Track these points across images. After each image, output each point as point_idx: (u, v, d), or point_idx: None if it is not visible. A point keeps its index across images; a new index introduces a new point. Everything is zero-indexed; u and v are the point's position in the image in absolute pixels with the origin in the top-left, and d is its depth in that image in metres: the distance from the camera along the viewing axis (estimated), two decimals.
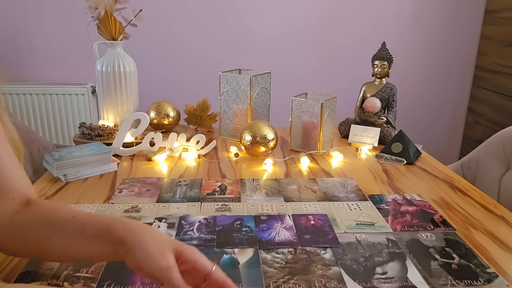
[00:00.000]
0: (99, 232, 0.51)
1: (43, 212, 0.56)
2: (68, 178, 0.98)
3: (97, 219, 0.54)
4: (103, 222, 0.52)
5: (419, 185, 1.00)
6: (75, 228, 0.53)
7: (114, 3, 1.24)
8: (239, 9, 2.21)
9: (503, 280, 0.63)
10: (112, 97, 1.28)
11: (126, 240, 0.49)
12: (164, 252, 0.47)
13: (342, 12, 2.26)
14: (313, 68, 2.34)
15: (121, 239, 0.49)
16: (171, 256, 0.47)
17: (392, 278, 0.63)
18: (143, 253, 0.47)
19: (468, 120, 2.50)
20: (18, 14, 2.10)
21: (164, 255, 0.47)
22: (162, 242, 0.49)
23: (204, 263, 0.49)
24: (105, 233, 0.51)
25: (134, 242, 0.49)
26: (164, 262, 0.46)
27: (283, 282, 0.61)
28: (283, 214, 0.83)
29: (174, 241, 0.50)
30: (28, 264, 0.64)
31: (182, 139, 1.15)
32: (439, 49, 2.38)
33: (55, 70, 2.20)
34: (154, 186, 0.96)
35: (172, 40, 2.21)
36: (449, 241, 0.74)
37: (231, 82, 1.27)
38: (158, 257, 0.47)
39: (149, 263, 0.47)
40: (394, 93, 1.35)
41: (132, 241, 0.49)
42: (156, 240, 0.49)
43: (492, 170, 1.24)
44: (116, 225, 0.51)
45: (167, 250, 0.48)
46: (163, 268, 0.46)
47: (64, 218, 0.54)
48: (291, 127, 1.22)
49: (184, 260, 0.49)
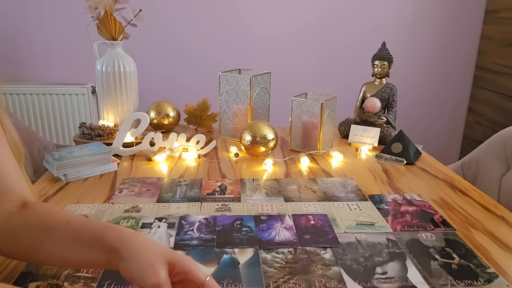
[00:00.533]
0: (92, 240, 0.51)
1: (39, 215, 0.56)
2: (68, 178, 0.98)
3: (91, 226, 0.53)
4: (97, 229, 0.52)
5: (419, 185, 1.00)
6: (69, 234, 0.53)
7: (114, 3, 1.24)
8: (239, 9, 2.21)
9: (503, 280, 0.63)
10: (112, 97, 1.28)
11: (120, 250, 0.49)
12: (155, 267, 0.47)
13: (342, 12, 2.26)
14: (313, 68, 2.34)
15: (114, 249, 0.49)
16: (162, 270, 0.47)
17: (392, 278, 0.63)
18: (135, 266, 0.47)
19: (468, 120, 2.50)
20: (18, 14, 2.10)
21: (155, 270, 0.46)
22: (155, 253, 0.48)
23: (197, 274, 0.49)
24: (98, 241, 0.50)
25: (126, 252, 0.48)
26: (155, 279, 0.46)
27: (283, 282, 0.61)
28: (283, 214, 0.83)
29: (167, 251, 0.50)
30: (28, 265, 0.64)
31: (182, 139, 1.15)
32: (439, 49, 2.38)
33: (55, 70, 2.20)
34: (154, 186, 0.96)
35: (172, 40, 2.21)
36: (449, 241, 0.74)
37: (231, 82, 1.27)
38: (148, 273, 0.46)
39: (141, 277, 0.46)
40: (394, 93, 1.35)
41: (125, 251, 0.48)
42: (148, 252, 0.48)
43: (492, 170, 1.24)
44: (109, 233, 0.50)
45: (158, 264, 0.47)
46: (153, 285, 0.45)
47: (59, 223, 0.54)
48: (291, 127, 1.22)
49: (177, 271, 0.48)
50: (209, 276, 0.49)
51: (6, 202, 0.57)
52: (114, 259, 0.49)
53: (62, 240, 0.53)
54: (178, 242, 0.72)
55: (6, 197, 0.57)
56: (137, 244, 0.49)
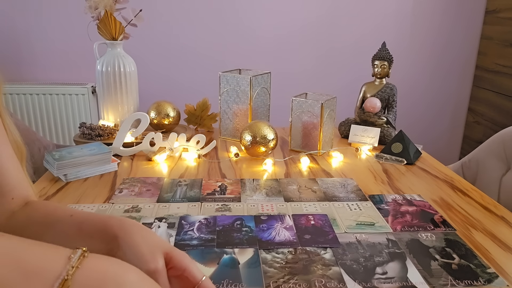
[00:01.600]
0: (95, 229, 0.51)
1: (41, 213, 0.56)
2: (68, 178, 0.98)
3: (94, 217, 0.54)
4: (100, 219, 0.52)
5: (419, 185, 1.00)
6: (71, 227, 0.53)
7: (114, 3, 1.24)
8: (239, 9, 2.21)
9: (503, 280, 0.63)
10: (112, 97, 1.28)
11: (119, 237, 0.49)
12: (154, 254, 0.47)
13: (342, 12, 2.26)
14: (313, 68, 2.34)
15: (114, 236, 0.49)
16: (160, 259, 0.47)
17: (392, 278, 0.63)
18: (133, 252, 0.47)
19: (468, 120, 2.50)
20: (18, 14, 2.10)
21: (154, 257, 0.46)
22: (154, 243, 0.48)
23: (194, 272, 0.48)
24: (101, 230, 0.51)
25: (125, 240, 0.48)
26: (153, 265, 0.46)
27: (283, 282, 0.61)
28: (283, 214, 0.83)
29: (166, 244, 0.50)
30: None
31: (182, 139, 1.15)
32: (439, 49, 2.38)
33: (55, 70, 2.20)
34: (154, 186, 0.96)
35: (172, 40, 2.21)
36: (449, 241, 0.74)
37: (231, 82, 1.27)
38: (147, 258, 0.46)
39: (138, 263, 0.46)
40: (394, 93, 1.35)
41: (124, 238, 0.49)
42: (148, 241, 0.48)
43: (492, 170, 1.24)
44: (112, 222, 0.51)
45: (157, 253, 0.47)
46: (151, 271, 0.45)
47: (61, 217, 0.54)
48: (291, 127, 1.22)
49: (174, 265, 0.48)
50: (205, 276, 0.49)
51: (9, 201, 0.57)
52: (114, 247, 0.49)
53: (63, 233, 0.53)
54: (178, 242, 0.72)
55: (9, 196, 0.57)
56: (136, 233, 0.49)
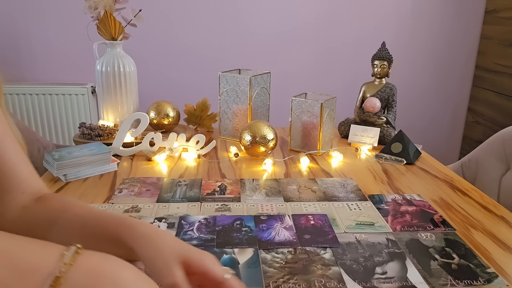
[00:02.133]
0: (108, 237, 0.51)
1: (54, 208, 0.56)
2: (68, 178, 0.98)
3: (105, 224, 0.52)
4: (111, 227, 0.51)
5: (419, 185, 1.00)
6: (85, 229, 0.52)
7: (113, 3, 1.24)
8: (239, 9, 2.21)
9: (503, 280, 0.63)
10: (112, 97, 1.28)
11: (134, 249, 0.48)
12: (169, 266, 0.45)
13: (342, 11, 2.26)
14: (313, 68, 2.34)
15: (129, 248, 0.48)
16: (177, 270, 0.45)
17: (392, 278, 0.63)
18: (148, 266, 0.46)
19: (468, 120, 2.50)
20: (18, 14, 2.10)
21: (170, 269, 0.45)
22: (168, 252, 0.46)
23: (214, 274, 0.47)
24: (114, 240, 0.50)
25: (139, 253, 0.47)
26: (169, 279, 0.44)
27: (283, 282, 0.61)
28: (283, 214, 0.83)
29: (182, 247, 0.48)
30: None
31: (182, 139, 1.15)
32: (439, 49, 2.38)
33: (55, 70, 2.20)
34: (154, 186, 0.96)
35: (172, 40, 2.21)
36: (449, 241, 0.74)
37: (230, 82, 1.27)
38: (164, 273, 0.45)
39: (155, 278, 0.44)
40: (394, 93, 1.35)
41: (138, 251, 0.48)
42: (162, 250, 0.47)
43: (492, 170, 1.24)
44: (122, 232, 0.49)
45: (173, 264, 0.45)
46: (169, 285, 0.44)
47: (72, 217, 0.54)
48: (291, 127, 1.22)
49: (194, 271, 0.47)
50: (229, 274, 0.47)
51: (19, 195, 0.56)
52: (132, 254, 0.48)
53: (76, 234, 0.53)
54: None
55: (18, 190, 0.57)
56: (148, 244, 0.48)
